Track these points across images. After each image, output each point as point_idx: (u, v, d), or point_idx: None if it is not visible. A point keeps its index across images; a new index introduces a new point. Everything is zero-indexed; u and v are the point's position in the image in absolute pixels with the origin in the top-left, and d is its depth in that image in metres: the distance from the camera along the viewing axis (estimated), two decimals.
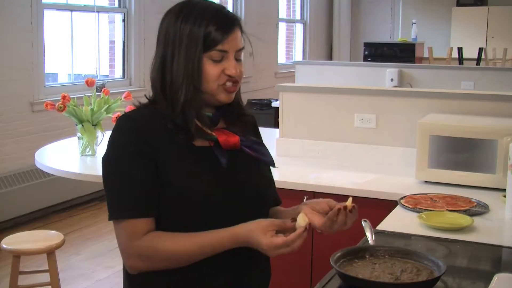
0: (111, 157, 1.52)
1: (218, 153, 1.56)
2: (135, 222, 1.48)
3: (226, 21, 1.53)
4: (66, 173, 3.09)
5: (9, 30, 5.19)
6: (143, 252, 1.48)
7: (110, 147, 1.53)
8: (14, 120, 5.26)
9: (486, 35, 10.68)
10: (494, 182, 2.67)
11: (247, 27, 1.64)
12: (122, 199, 1.49)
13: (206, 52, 1.51)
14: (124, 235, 1.49)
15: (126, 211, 1.48)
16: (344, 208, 1.56)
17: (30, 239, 3.37)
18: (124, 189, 1.49)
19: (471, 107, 3.07)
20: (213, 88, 1.53)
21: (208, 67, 1.52)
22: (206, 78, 1.52)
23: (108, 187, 1.52)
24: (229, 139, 1.58)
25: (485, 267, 1.90)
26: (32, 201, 5.29)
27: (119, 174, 1.50)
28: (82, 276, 4.25)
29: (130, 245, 1.49)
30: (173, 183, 1.50)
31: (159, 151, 1.50)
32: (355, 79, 5.79)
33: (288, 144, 3.41)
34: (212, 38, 1.50)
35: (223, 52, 1.52)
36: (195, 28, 1.50)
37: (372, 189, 2.74)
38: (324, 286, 1.60)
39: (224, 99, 1.56)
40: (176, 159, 1.51)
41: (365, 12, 12.48)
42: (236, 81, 1.55)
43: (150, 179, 1.49)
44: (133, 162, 1.49)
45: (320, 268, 1.81)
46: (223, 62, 1.53)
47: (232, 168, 1.56)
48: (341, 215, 1.56)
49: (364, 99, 3.30)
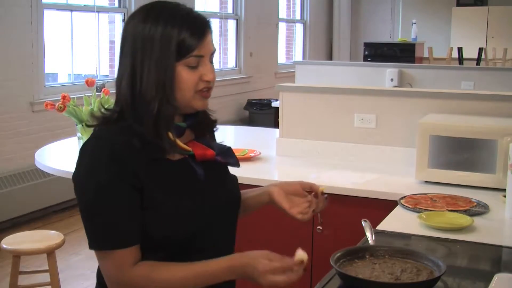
0: (90, 184, 1.40)
1: (194, 165, 1.52)
2: (124, 251, 1.41)
3: (199, 25, 1.45)
4: (66, 173, 3.09)
5: (9, 30, 5.20)
6: (137, 282, 1.42)
7: (87, 173, 1.41)
8: (14, 120, 5.26)
9: (486, 35, 10.69)
10: (494, 182, 2.67)
11: (247, 27, 1.64)
12: (108, 228, 1.40)
13: (182, 60, 1.43)
14: (112, 265, 1.42)
15: (114, 242, 1.40)
16: (315, 195, 1.64)
17: (30, 239, 3.37)
18: (109, 218, 1.40)
19: (471, 107, 3.06)
20: (189, 96, 1.45)
21: (185, 74, 1.44)
22: (182, 87, 1.44)
23: (88, 215, 1.42)
24: (206, 153, 1.54)
25: (485, 267, 1.90)
26: (32, 201, 5.29)
27: (102, 202, 1.40)
28: (82, 276, 4.25)
29: (121, 275, 1.42)
30: (158, 203, 1.44)
31: (141, 173, 1.42)
32: (355, 79, 5.79)
33: (288, 144, 3.41)
34: (187, 44, 1.42)
35: (199, 58, 1.45)
36: (167, 33, 1.41)
37: (372, 189, 2.74)
38: (324, 286, 1.60)
39: (201, 106, 1.49)
40: (159, 179, 1.45)
41: (365, 12, 12.49)
42: (211, 86, 1.49)
43: (133, 205, 1.42)
44: (116, 190, 1.40)
45: (320, 268, 1.81)
46: (200, 68, 1.46)
47: (208, 178, 1.53)
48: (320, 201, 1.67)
49: (364, 99, 3.30)
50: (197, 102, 1.48)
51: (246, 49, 9.12)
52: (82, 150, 1.46)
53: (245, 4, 9.01)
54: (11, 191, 5.12)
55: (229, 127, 4.83)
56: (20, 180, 5.24)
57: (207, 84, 1.47)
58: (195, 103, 1.48)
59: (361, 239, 1.92)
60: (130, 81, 1.44)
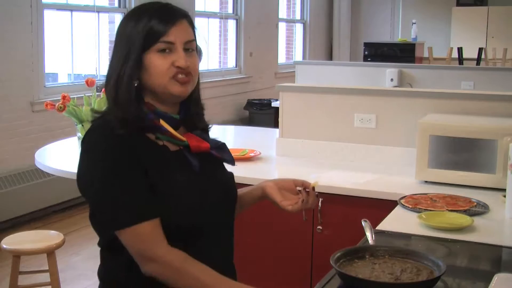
0: (96, 172, 1.49)
1: (189, 157, 1.58)
2: (145, 225, 1.47)
3: (169, 14, 1.54)
4: (66, 173, 3.09)
5: (9, 30, 5.20)
6: (170, 262, 1.47)
7: (91, 163, 1.51)
8: (14, 120, 5.26)
9: (486, 35, 10.69)
10: (494, 182, 2.67)
11: (247, 27, 1.66)
12: (122, 206, 1.47)
13: (152, 46, 1.51)
14: (139, 240, 1.47)
15: (132, 217, 1.47)
16: (307, 191, 1.68)
17: (30, 239, 3.37)
18: (129, 196, 1.47)
19: (471, 107, 3.06)
20: (164, 82, 1.52)
21: (156, 60, 1.51)
22: (155, 72, 1.52)
23: (101, 201, 1.50)
24: (200, 145, 1.60)
25: (485, 267, 1.90)
26: (32, 201, 5.29)
27: (111, 185, 1.48)
28: (82, 276, 4.25)
29: (153, 249, 1.47)
30: (158, 188, 1.50)
31: (143, 156, 1.51)
32: (355, 79, 5.79)
33: (288, 144, 3.41)
34: (154, 31, 1.51)
35: (169, 44, 1.52)
36: (138, 25, 1.51)
37: (372, 189, 2.74)
38: (324, 286, 1.60)
39: (177, 91, 1.54)
40: (158, 164, 1.53)
41: (365, 12, 12.48)
42: (188, 72, 1.54)
43: (141, 182, 1.49)
44: (122, 171, 1.48)
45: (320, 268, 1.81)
46: (172, 55, 1.52)
47: (203, 170, 1.59)
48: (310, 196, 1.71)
49: (364, 99, 3.30)
50: (173, 87, 1.53)
51: (246, 49, 9.11)
52: (81, 146, 1.56)
53: (245, 4, 9.01)
54: (11, 191, 5.12)
55: (229, 127, 4.83)
56: (20, 180, 5.24)
57: (179, 70, 1.52)
58: (171, 88, 1.53)
59: (361, 239, 1.92)
60: (109, 74, 1.56)
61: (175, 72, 1.52)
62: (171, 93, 1.54)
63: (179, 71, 1.52)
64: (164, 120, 1.55)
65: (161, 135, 1.55)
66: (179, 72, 1.52)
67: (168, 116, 1.56)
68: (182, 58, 1.52)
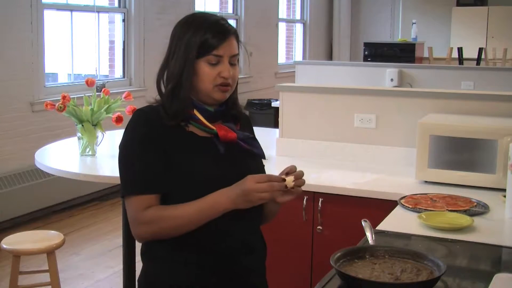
0: (124, 142, 1.75)
1: (217, 143, 1.77)
2: (142, 197, 1.69)
3: (222, 30, 1.75)
4: (66, 173, 3.09)
5: (9, 30, 5.20)
6: (150, 218, 1.69)
7: (124, 134, 1.77)
8: (14, 120, 5.26)
9: (486, 35, 10.69)
10: (494, 182, 2.67)
11: (247, 27, 1.70)
12: (131, 177, 1.72)
13: (204, 56, 1.73)
14: (132, 208, 1.71)
15: (134, 187, 1.71)
16: (285, 186, 1.69)
17: (30, 239, 3.37)
18: (133, 169, 1.72)
19: (471, 107, 3.07)
20: (209, 88, 1.75)
21: (206, 69, 1.74)
22: (203, 78, 1.74)
23: (121, 168, 1.76)
24: (228, 134, 1.78)
25: (485, 267, 1.90)
26: (32, 201, 5.29)
27: (130, 157, 1.73)
28: (82, 276, 4.25)
29: (138, 215, 1.70)
30: (180, 165, 1.71)
31: (167, 138, 1.72)
32: (355, 79, 5.80)
33: (288, 144, 3.41)
34: (209, 44, 1.73)
35: (218, 57, 1.74)
36: (194, 36, 1.73)
37: (372, 189, 2.74)
38: (324, 286, 1.60)
39: (219, 97, 1.77)
40: (182, 146, 1.74)
41: (365, 12, 12.48)
42: (229, 83, 1.76)
43: (157, 161, 1.70)
44: (142, 146, 1.71)
45: (320, 268, 1.82)
46: (219, 66, 1.74)
47: (229, 156, 1.77)
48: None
49: (364, 99, 3.30)
50: (216, 94, 1.76)
51: (246, 49, 9.10)
52: (130, 118, 1.80)
53: (245, 4, 9.00)
54: (11, 191, 5.12)
55: None
56: (20, 180, 5.24)
57: (224, 80, 1.75)
58: (214, 94, 1.76)
59: (361, 239, 1.93)
60: (162, 70, 1.79)
61: (220, 82, 1.75)
62: (213, 97, 1.77)
63: (223, 81, 1.75)
64: (198, 111, 1.77)
65: (194, 122, 1.76)
66: (223, 82, 1.75)
67: (203, 107, 1.78)
68: (227, 71, 1.74)
